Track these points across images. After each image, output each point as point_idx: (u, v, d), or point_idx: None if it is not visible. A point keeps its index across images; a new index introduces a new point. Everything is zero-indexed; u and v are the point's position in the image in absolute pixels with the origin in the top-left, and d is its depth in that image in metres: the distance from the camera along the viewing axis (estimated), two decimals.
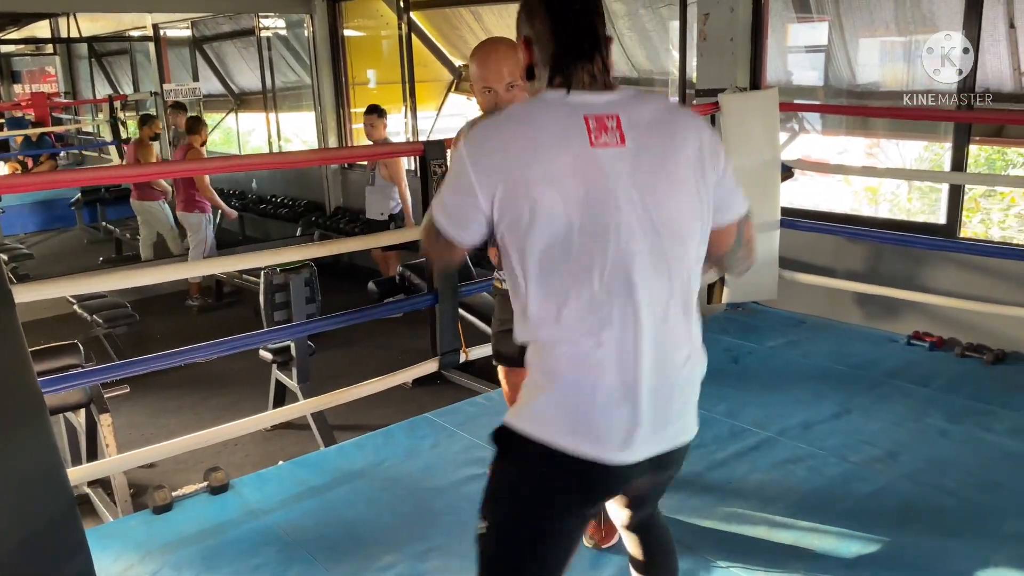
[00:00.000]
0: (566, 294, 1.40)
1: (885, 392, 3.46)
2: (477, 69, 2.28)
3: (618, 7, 6.10)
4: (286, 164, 6.82)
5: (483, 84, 2.26)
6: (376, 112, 6.19)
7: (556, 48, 1.47)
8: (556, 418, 1.44)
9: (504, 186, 1.38)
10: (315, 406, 3.29)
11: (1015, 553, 2.34)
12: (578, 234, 1.37)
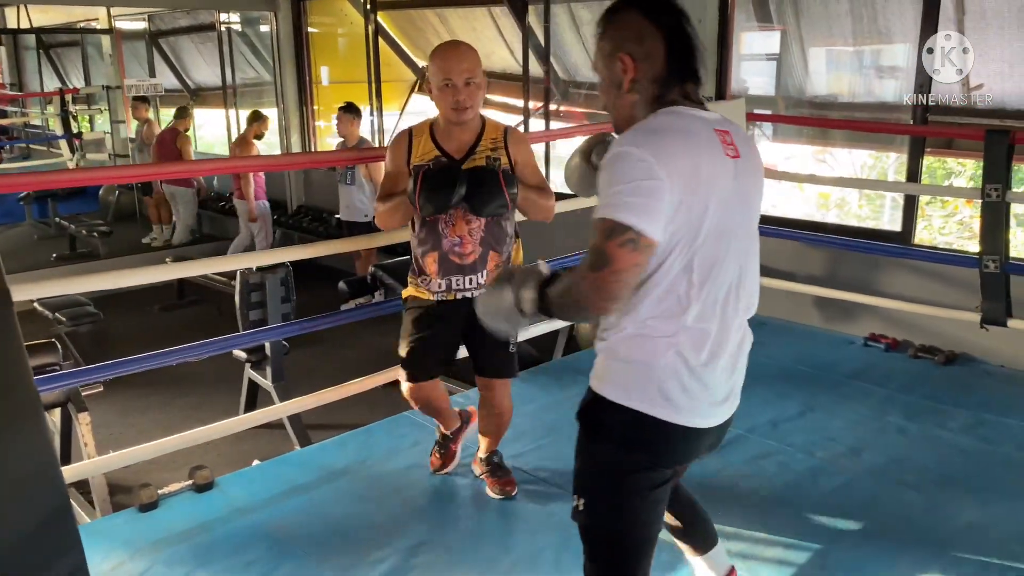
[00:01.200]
0: (700, 286, 1.54)
1: (846, 392, 3.63)
2: (440, 63, 2.38)
3: (585, 14, 6.22)
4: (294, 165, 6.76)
5: (445, 77, 2.35)
6: (353, 111, 6.19)
7: (670, 66, 1.56)
8: (658, 392, 1.56)
9: (683, 188, 1.45)
10: (298, 407, 3.32)
11: (972, 542, 2.50)
12: (712, 234, 1.52)
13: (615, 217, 1.44)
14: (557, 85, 6.64)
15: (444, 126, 2.49)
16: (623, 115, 1.61)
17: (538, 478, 2.95)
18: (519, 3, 6.28)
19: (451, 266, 2.53)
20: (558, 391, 3.69)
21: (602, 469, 1.64)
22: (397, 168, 2.52)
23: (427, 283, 2.58)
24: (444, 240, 2.51)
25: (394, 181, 2.52)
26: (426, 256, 2.54)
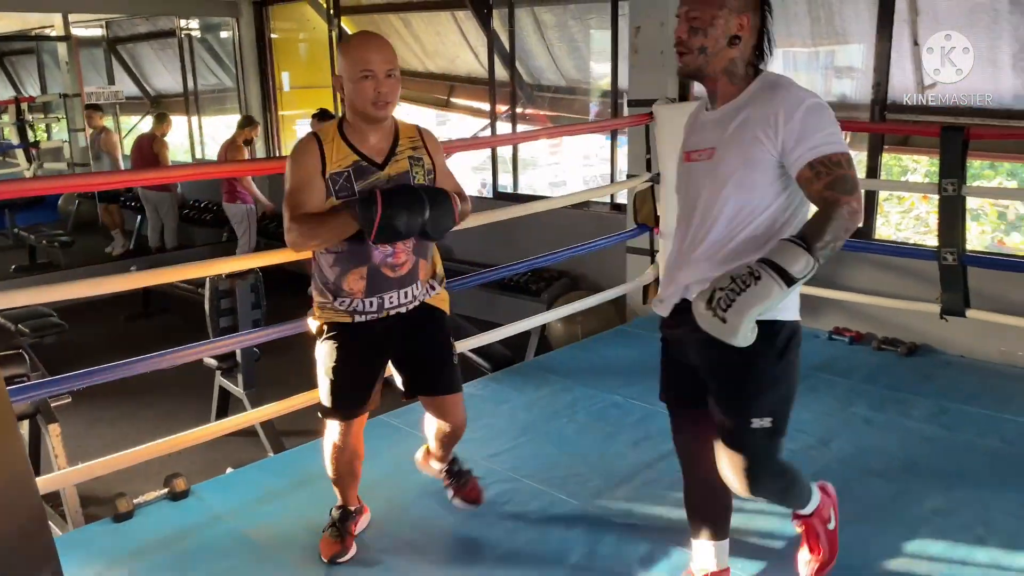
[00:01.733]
0: None
1: (812, 384, 3.71)
2: (357, 53, 2.13)
3: (548, 18, 6.28)
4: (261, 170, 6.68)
5: (364, 68, 2.11)
6: (327, 118, 6.07)
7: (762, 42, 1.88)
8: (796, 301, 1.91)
9: None
10: (271, 413, 3.30)
11: (938, 527, 2.58)
12: None
13: (844, 150, 1.76)
14: (523, 89, 6.69)
15: (358, 126, 2.21)
16: (718, 65, 1.85)
17: (515, 477, 2.97)
18: (483, 7, 6.32)
19: (382, 281, 2.26)
20: (532, 391, 3.73)
21: (781, 379, 1.88)
22: (309, 178, 2.17)
23: (347, 304, 2.27)
24: (375, 252, 2.22)
25: (306, 195, 2.17)
26: (348, 274, 2.24)
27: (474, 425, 3.37)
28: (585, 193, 5.02)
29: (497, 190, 6.50)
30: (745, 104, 1.85)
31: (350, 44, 2.19)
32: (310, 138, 2.23)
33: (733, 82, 1.87)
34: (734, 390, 1.88)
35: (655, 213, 4.51)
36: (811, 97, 1.78)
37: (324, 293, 2.31)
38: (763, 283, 1.63)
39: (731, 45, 1.82)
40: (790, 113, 1.75)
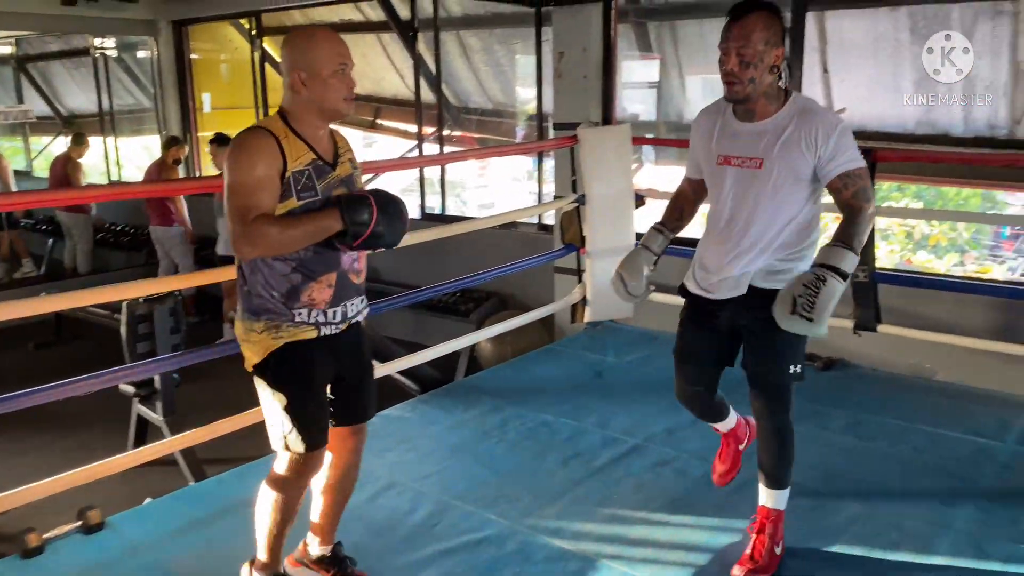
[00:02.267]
0: None
1: (735, 398, 3.76)
2: (330, 47, 1.99)
3: (473, 42, 6.34)
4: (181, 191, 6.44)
5: (340, 61, 2.00)
6: (225, 142, 5.79)
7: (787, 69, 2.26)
8: None
9: None
10: (191, 440, 3.21)
11: (855, 534, 2.67)
12: None
13: (864, 165, 2.22)
14: (449, 111, 6.73)
15: (312, 123, 2.03)
16: (760, 89, 2.20)
17: (445, 499, 2.95)
18: (408, 30, 6.34)
19: (348, 288, 2.12)
20: (461, 412, 3.71)
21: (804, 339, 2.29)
22: (267, 178, 1.94)
23: (311, 317, 2.06)
24: (344, 259, 2.09)
25: (262, 196, 1.95)
26: (314, 283, 2.04)
27: (402, 448, 3.36)
28: (512, 213, 5.06)
29: (425, 211, 6.49)
30: (786, 123, 2.23)
31: (317, 37, 2.01)
32: (264, 133, 1.98)
33: (770, 102, 2.25)
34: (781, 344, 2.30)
35: (581, 233, 4.58)
36: (841, 121, 2.24)
37: (271, 311, 2.04)
38: (830, 284, 2.06)
39: (771, 73, 2.20)
40: (827, 134, 2.18)
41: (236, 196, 1.96)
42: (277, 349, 2.06)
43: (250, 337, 2.07)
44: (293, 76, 1.99)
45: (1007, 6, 4.00)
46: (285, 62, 2.01)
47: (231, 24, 8.01)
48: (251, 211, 1.94)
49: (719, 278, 2.38)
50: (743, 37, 2.16)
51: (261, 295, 2.04)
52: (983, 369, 3.92)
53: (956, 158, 4.17)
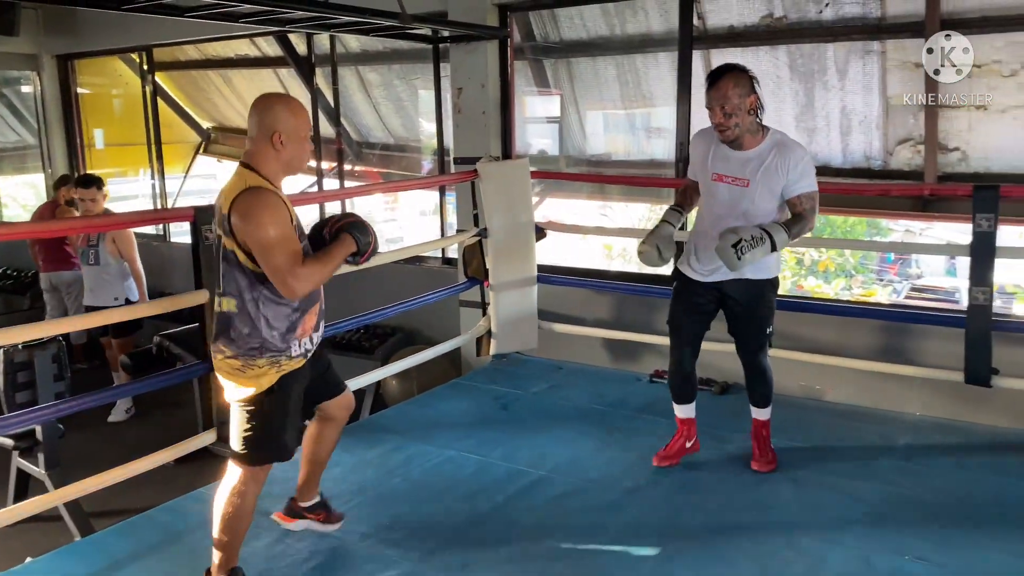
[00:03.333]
0: None
1: (637, 426, 3.88)
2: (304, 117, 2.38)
3: (373, 77, 6.34)
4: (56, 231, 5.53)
5: (308, 130, 2.41)
6: (95, 183, 5.23)
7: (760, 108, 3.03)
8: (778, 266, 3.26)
9: None
10: (72, 494, 3.03)
11: (751, 554, 2.74)
12: None
13: (816, 189, 3.03)
14: (350, 146, 6.68)
15: (279, 177, 2.39)
16: (745, 129, 2.99)
17: (348, 540, 2.88)
18: (306, 65, 6.29)
19: (321, 313, 2.53)
20: (364, 451, 3.65)
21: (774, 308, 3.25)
22: (289, 228, 2.31)
23: (299, 346, 2.42)
24: (320, 288, 2.48)
25: (295, 241, 2.31)
26: (307, 313, 2.42)
27: None
28: (415, 248, 5.03)
29: None
30: (767, 153, 3.00)
31: (296, 107, 2.37)
32: (271, 193, 2.30)
33: (753, 136, 3.02)
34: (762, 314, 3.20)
35: (484, 266, 4.60)
36: (807, 154, 3.07)
37: (273, 349, 2.36)
38: (765, 244, 2.87)
39: (749, 115, 2.97)
40: (796, 163, 2.98)
41: (281, 246, 2.26)
42: (277, 381, 2.40)
43: (247, 373, 2.37)
44: (273, 136, 2.30)
45: (875, 45, 4.26)
46: (263, 123, 2.32)
47: (121, 59, 7.77)
48: (296, 257, 2.28)
49: (713, 266, 3.08)
50: (721, 96, 2.94)
51: (264, 336, 2.35)
52: (869, 389, 4.10)
53: (835, 188, 4.38)
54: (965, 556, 2.69)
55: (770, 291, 3.19)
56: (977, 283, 3.53)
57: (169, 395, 5.05)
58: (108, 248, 5.22)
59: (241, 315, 2.34)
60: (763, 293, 3.16)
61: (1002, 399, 3.72)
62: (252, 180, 2.30)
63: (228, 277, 2.34)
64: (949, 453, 3.51)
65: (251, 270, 2.30)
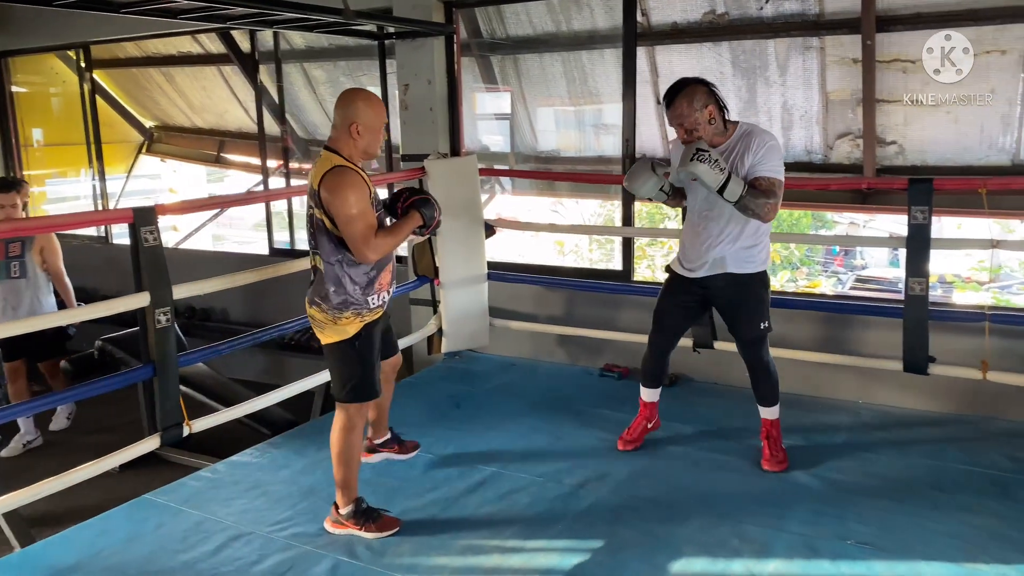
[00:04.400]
0: None
1: (587, 420, 3.91)
2: (378, 110, 2.81)
3: (318, 73, 6.26)
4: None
5: (383, 121, 2.82)
6: (14, 187, 4.79)
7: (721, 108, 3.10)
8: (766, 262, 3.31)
9: None
10: (14, 501, 2.94)
11: (700, 543, 2.79)
12: None
13: (781, 178, 3.07)
14: (297, 144, 6.60)
15: (359, 160, 2.82)
16: (708, 134, 3.06)
17: (296, 544, 2.85)
18: (250, 62, 6.19)
19: (393, 272, 2.99)
20: (314, 452, 3.61)
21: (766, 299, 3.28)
22: (368, 203, 2.75)
23: (378, 299, 2.90)
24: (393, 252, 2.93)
25: (371, 215, 2.76)
26: (383, 271, 2.89)
27: (251, 494, 3.24)
28: None
29: (273, 247, 6.31)
30: (735, 145, 3.09)
31: (370, 102, 2.80)
32: (354, 172, 2.75)
33: (721, 135, 3.11)
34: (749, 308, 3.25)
35: (434, 264, 4.58)
36: (770, 138, 3.08)
37: (356, 303, 2.84)
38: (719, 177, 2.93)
39: (710, 123, 3.06)
40: (760, 145, 3.04)
41: (356, 219, 2.71)
42: (362, 329, 2.87)
43: (338, 323, 2.84)
44: (352, 127, 2.75)
45: (815, 41, 4.34)
46: (345, 115, 2.77)
47: (58, 56, 7.55)
48: (371, 229, 2.75)
49: (699, 263, 3.21)
50: (679, 116, 3.04)
51: (348, 291, 2.82)
52: (812, 378, 4.19)
53: None
54: (905, 539, 2.77)
55: (757, 285, 3.24)
56: (914, 274, 3.63)
57: (113, 400, 4.95)
58: (34, 259, 4.76)
59: (328, 274, 2.80)
60: (747, 286, 3.22)
61: (939, 386, 3.83)
62: (337, 160, 2.75)
63: (318, 241, 2.80)
64: (889, 440, 3.61)
65: (336, 236, 2.74)
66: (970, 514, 2.93)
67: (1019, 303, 7.37)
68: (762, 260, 3.23)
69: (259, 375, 5.93)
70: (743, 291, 3.22)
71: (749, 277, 3.21)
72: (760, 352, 3.32)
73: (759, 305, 3.25)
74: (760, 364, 3.34)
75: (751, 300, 3.24)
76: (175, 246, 7.32)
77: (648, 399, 3.58)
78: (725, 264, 3.19)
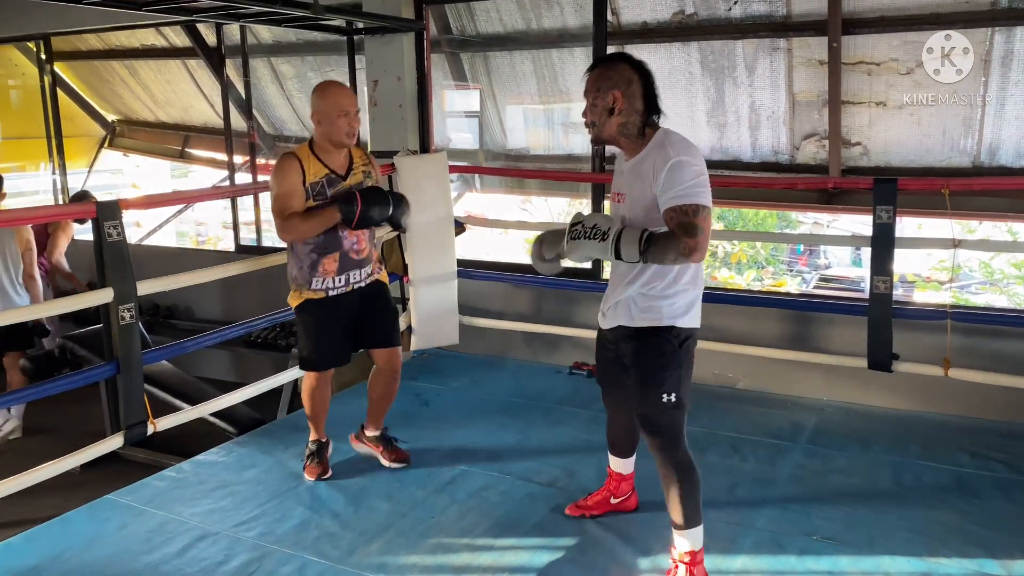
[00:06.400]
0: None
1: (557, 417, 3.91)
2: (335, 99, 2.96)
3: (286, 68, 6.20)
4: None
5: (342, 108, 2.94)
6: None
7: (648, 103, 2.32)
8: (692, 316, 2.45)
9: None
10: None
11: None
12: None
13: (697, 201, 2.20)
14: (264, 139, 6.52)
15: (327, 149, 3.02)
16: (610, 132, 2.34)
17: (263, 544, 2.82)
18: (216, 56, 6.10)
19: (349, 262, 3.09)
20: (281, 451, 3.58)
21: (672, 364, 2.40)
22: (293, 187, 2.95)
23: (321, 282, 3.08)
24: (345, 241, 3.06)
25: (292, 198, 2.96)
26: (324, 257, 3.04)
27: (217, 494, 3.19)
28: None
29: (239, 244, 6.23)
30: (644, 160, 2.31)
31: (327, 92, 2.99)
32: (290, 157, 2.98)
33: (632, 141, 2.36)
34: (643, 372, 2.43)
35: (403, 261, 4.56)
36: (675, 156, 2.23)
37: (298, 279, 3.11)
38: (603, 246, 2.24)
39: (613, 115, 2.31)
40: (663, 166, 2.23)
41: (275, 200, 2.97)
42: (299, 303, 3.14)
43: (291, 292, 3.16)
44: (312, 117, 2.99)
45: (782, 43, 4.40)
46: (311, 106, 3.01)
47: (17, 48, 7.38)
48: (285, 209, 2.95)
49: (605, 307, 2.54)
50: (585, 89, 2.38)
51: (295, 269, 3.11)
52: (778, 376, 4.24)
53: (745, 182, 4.50)
54: (869, 534, 2.81)
55: (662, 344, 2.38)
56: (878, 272, 3.69)
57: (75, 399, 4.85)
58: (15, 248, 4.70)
59: (288, 251, 3.13)
60: (644, 343, 2.40)
61: (902, 383, 3.90)
62: (297, 148, 3.03)
63: None
64: (854, 436, 3.66)
65: None
66: (932, 510, 2.98)
67: (978, 302, 7.53)
68: (671, 311, 2.37)
69: (225, 374, 5.86)
70: (636, 350, 2.41)
71: (646, 332, 2.39)
72: (664, 439, 2.44)
73: (658, 370, 2.39)
74: (666, 459, 2.46)
75: (643, 362, 2.41)
76: (138, 242, 7.21)
77: (617, 468, 2.93)
78: (617, 314, 2.45)
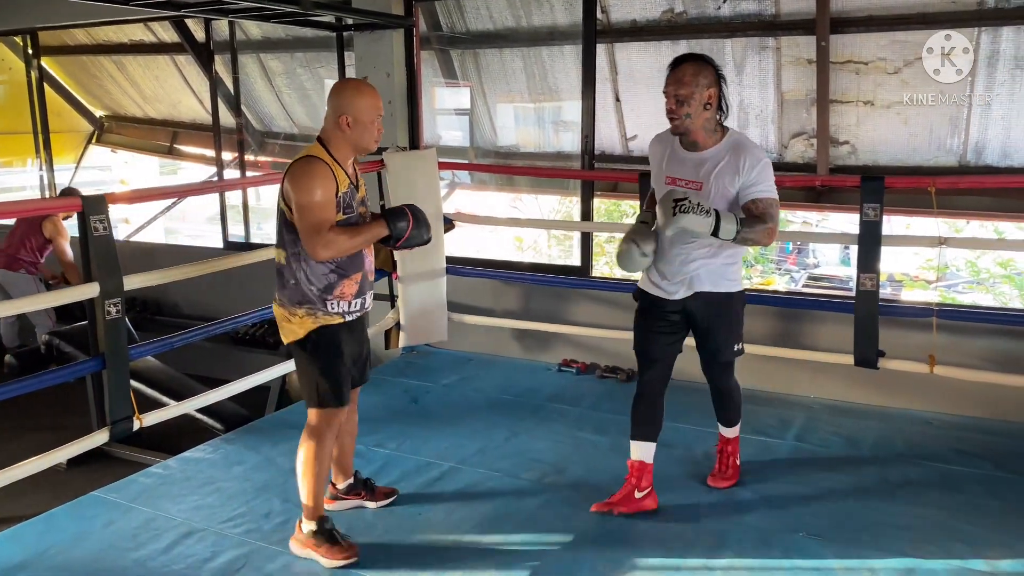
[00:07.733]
0: None
1: (545, 414, 3.92)
2: (370, 100, 2.59)
3: (275, 65, 6.18)
4: None
5: (377, 111, 2.59)
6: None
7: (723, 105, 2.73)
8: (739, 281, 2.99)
9: None
10: None
11: (654, 536, 2.81)
12: None
13: (776, 196, 2.72)
14: (253, 136, 6.50)
15: (347, 155, 2.63)
16: (697, 124, 2.69)
17: (250, 541, 2.81)
18: (204, 52, 6.07)
19: (367, 284, 2.75)
20: (268, 448, 3.56)
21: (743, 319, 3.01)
22: (330, 197, 2.55)
23: (337, 306, 2.65)
24: (366, 261, 2.72)
25: (329, 210, 2.55)
26: (346, 279, 2.64)
27: (204, 491, 3.19)
28: None
29: (228, 239, 6.20)
30: (723, 155, 2.71)
31: (360, 92, 2.61)
32: (323, 164, 2.55)
33: (709, 134, 2.73)
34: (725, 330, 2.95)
35: (392, 258, 4.55)
36: (762, 156, 2.72)
37: (310, 302, 2.63)
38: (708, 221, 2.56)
39: (705, 110, 2.67)
40: (752, 165, 2.68)
41: (312, 211, 2.52)
42: (312, 330, 2.65)
43: (292, 320, 2.67)
44: (340, 119, 2.56)
45: (771, 42, 4.41)
46: (337, 106, 2.58)
47: (3, 42, 7.33)
48: (325, 223, 2.53)
49: (675, 281, 2.86)
50: (676, 81, 2.65)
51: (303, 290, 2.63)
52: (766, 373, 4.25)
53: None
54: (856, 531, 2.82)
55: (737, 304, 2.95)
56: (865, 270, 3.71)
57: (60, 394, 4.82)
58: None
59: (288, 267, 2.64)
60: (726, 306, 2.90)
61: (888, 380, 3.92)
62: (314, 151, 2.58)
63: (280, 232, 2.64)
64: (840, 433, 3.68)
65: (296, 227, 2.57)
66: (918, 506, 3.00)
67: (965, 300, 7.58)
68: (737, 278, 2.93)
69: (212, 370, 5.82)
70: (718, 312, 2.89)
71: (725, 296, 2.88)
72: (727, 377, 3.11)
73: (734, 327, 2.97)
74: (725, 389, 3.14)
75: (726, 322, 2.93)
76: (126, 239, 7.17)
77: (639, 456, 3.00)
78: (701, 282, 2.84)
